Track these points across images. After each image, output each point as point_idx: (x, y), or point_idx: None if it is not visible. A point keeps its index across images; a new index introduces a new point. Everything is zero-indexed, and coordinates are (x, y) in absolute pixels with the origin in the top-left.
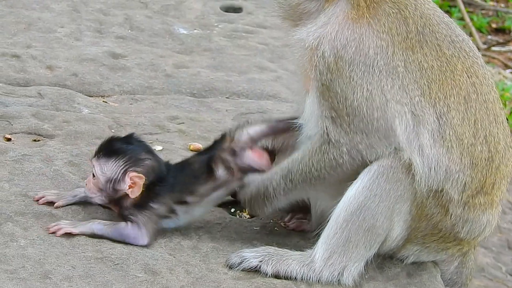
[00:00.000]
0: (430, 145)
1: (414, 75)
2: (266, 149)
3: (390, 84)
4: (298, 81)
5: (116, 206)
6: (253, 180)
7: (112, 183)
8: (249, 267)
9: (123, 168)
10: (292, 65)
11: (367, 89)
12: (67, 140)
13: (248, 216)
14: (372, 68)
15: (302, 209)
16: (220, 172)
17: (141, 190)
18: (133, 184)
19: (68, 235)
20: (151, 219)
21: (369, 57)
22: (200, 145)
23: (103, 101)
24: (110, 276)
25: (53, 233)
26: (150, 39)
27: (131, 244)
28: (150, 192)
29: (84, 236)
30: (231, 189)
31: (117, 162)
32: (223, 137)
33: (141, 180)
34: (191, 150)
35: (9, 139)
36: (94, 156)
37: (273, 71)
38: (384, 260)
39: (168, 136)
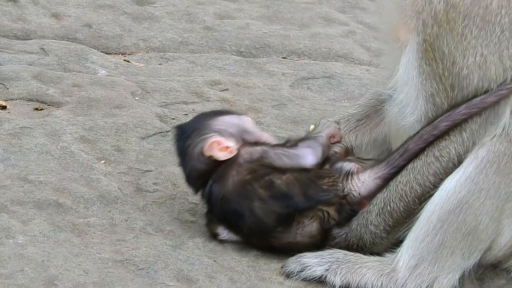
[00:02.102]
0: None
1: None
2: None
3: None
4: (384, 35)
5: None
6: (341, 231)
7: None
8: (311, 276)
9: None
10: (370, 16)
11: (482, 53)
12: (78, 110)
13: None
14: (492, 26)
15: None
16: (313, 229)
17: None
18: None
19: (79, 230)
20: None
21: (490, 10)
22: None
23: (125, 60)
24: (133, 284)
25: None
26: None
27: None
28: None
29: (100, 233)
30: None
31: None
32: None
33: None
34: None
35: (4, 107)
36: None
37: (344, 23)
38: (485, 269)
39: (207, 106)
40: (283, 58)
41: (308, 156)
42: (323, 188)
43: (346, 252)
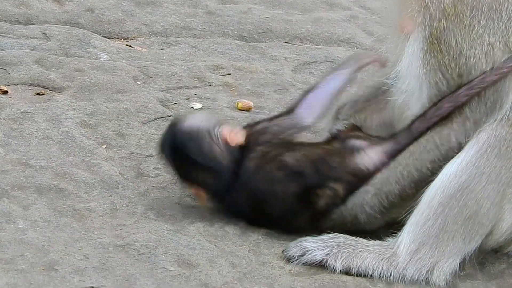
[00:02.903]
0: None
1: None
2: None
3: None
4: (388, 22)
5: None
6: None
7: None
8: (312, 261)
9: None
10: (373, 1)
11: (489, 42)
12: (80, 94)
13: None
14: (499, 14)
15: None
16: (321, 204)
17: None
18: (198, 197)
19: (79, 215)
20: None
21: None
22: (251, 103)
23: (127, 45)
24: (133, 269)
25: None
26: None
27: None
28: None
29: (101, 217)
30: None
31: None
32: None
33: (203, 194)
34: (239, 109)
35: (5, 92)
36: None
37: (346, 8)
38: (485, 254)
39: (209, 91)
40: (285, 42)
41: (306, 116)
42: (333, 166)
43: (347, 236)
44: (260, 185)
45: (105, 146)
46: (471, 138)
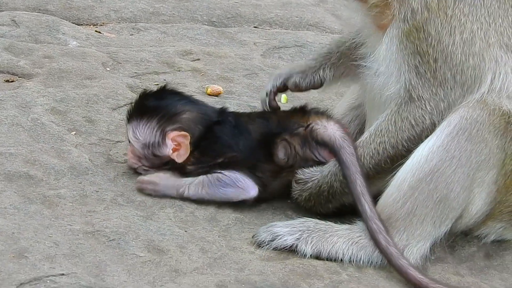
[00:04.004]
0: None
1: None
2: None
3: (500, 20)
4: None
5: (176, 171)
6: (313, 177)
7: (151, 148)
8: (282, 246)
9: (158, 129)
10: None
11: (470, 30)
12: (50, 81)
13: None
14: (482, 0)
15: None
16: (280, 156)
17: (189, 151)
18: (177, 145)
19: (49, 202)
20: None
21: None
22: (220, 88)
23: (96, 31)
24: (104, 256)
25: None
26: None
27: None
28: (203, 148)
29: (71, 204)
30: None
31: (149, 123)
32: (301, 111)
33: (186, 139)
34: (209, 94)
35: None
36: (126, 119)
37: None
38: (455, 237)
39: (179, 76)
40: (255, 27)
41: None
42: (292, 121)
43: (317, 220)
44: (232, 135)
45: (74, 132)
46: (443, 120)
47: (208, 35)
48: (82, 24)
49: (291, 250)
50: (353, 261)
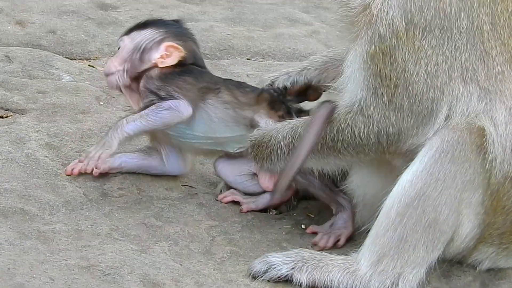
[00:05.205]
0: (505, 123)
1: (502, 34)
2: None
3: (467, 54)
4: (340, 34)
5: (136, 83)
6: (266, 125)
7: (141, 51)
8: (277, 276)
9: (159, 36)
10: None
11: (435, 62)
12: (43, 116)
13: (275, 211)
14: (450, 32)
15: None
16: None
17: (174, 63)
18: (166, 54)
19: (44, 237)
20: (186, 89)
21: (449, 18)
22: None
23: (89, 65)
24: None
25: (69, 175)
26: None
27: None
28: (182, 70)
29: (66, 239)
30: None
31: (154, 30)
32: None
33: (178, 52)
34: None
35: None
36: (124, 32)
37: (308, 23)
38: (451, 266)
39: None
40: (248, 59)
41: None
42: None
43: (312, 251)
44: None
45: None
46: (424, 146)
47: None
48: (75, 59)
49: (287, 281)
50: None
